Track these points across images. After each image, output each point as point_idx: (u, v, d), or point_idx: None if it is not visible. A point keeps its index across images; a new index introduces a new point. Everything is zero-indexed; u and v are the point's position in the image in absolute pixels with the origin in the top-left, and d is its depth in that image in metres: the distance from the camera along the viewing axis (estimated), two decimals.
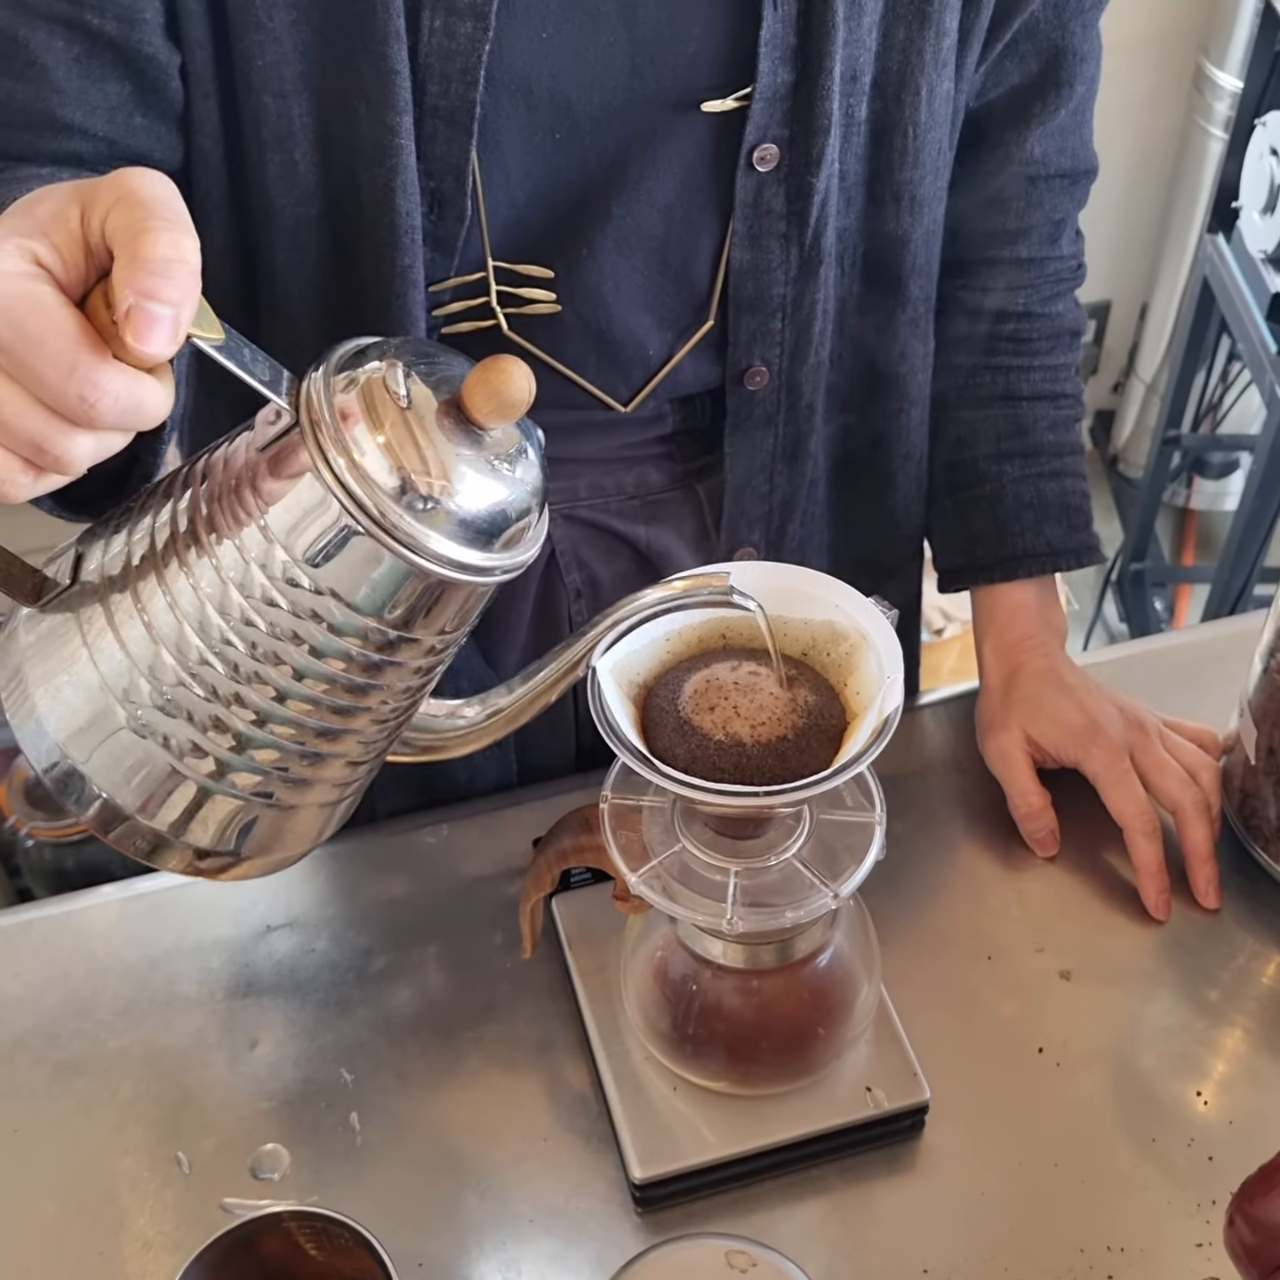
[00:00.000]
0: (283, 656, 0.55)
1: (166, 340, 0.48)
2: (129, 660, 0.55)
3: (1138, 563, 2.42)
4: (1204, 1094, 0.81)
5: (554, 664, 0.65)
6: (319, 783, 0.60)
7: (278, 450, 0.54)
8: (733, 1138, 0.76)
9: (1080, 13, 0.86)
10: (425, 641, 0.58)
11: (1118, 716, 0.92)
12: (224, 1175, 0.78)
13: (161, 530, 0.56)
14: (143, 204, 0.49)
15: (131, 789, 0.57)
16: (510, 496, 0.56)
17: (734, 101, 0.78)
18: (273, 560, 0.54)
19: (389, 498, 0.53)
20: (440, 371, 0.56)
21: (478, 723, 0.68)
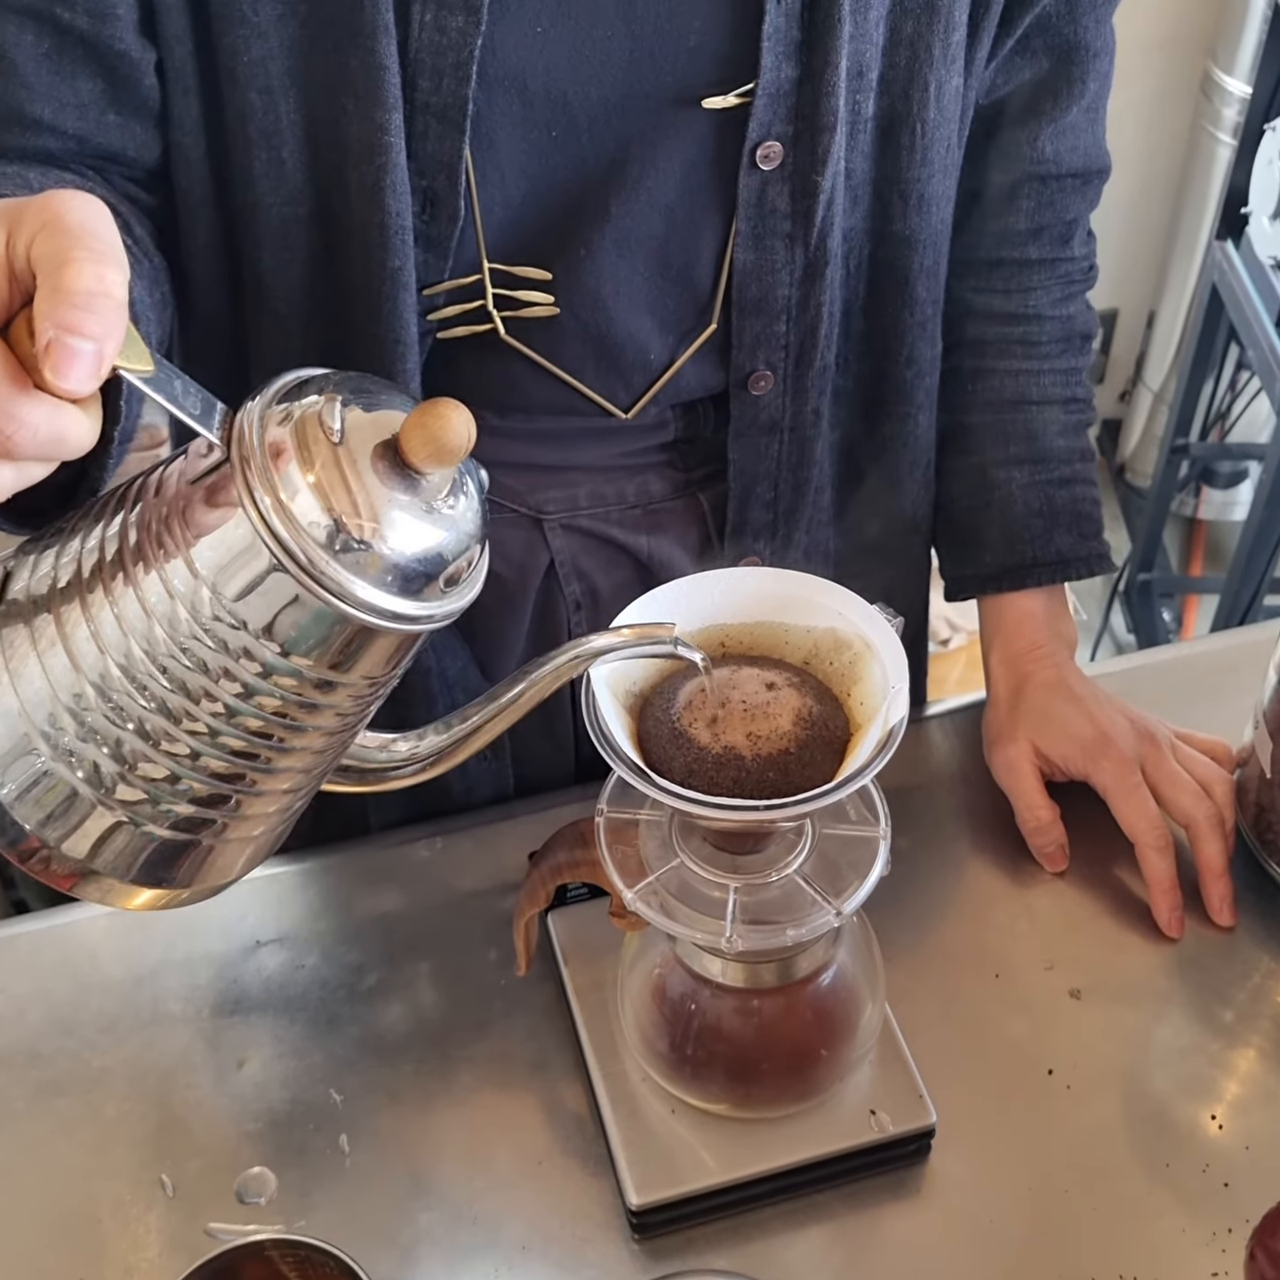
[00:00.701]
0: (212, 693, 0.53)
1: (87, 376, 0.46)
2: (50, 687, 0.53)
3: (1145, 573, 2.41)
4: (1219, 1118, 0.79)
5: (494, 705, 0.63)
6: (251, 816, 0.58)
7: (209, 484, 0.52)
8: (733, 1162, 0.74)
9: (1093, 7, 0.85)
10: (359, 684, 0.56)
11: (1129, 728, 0.90)
12: (209, 1199, 0.76)
13: (89, 555, 0.54)
14: (69, 231, 0.47)
15: (50, 819, 0.54)
16: (445, 541, 0.54)
17: (736, 98, 0.76)
18: (199, 597, 0.52)
19: (316, 542, 0.51)
20: (381, 408, 0.54)
21: (408, 759, 0.65)
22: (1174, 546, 2.63)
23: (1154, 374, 2.59)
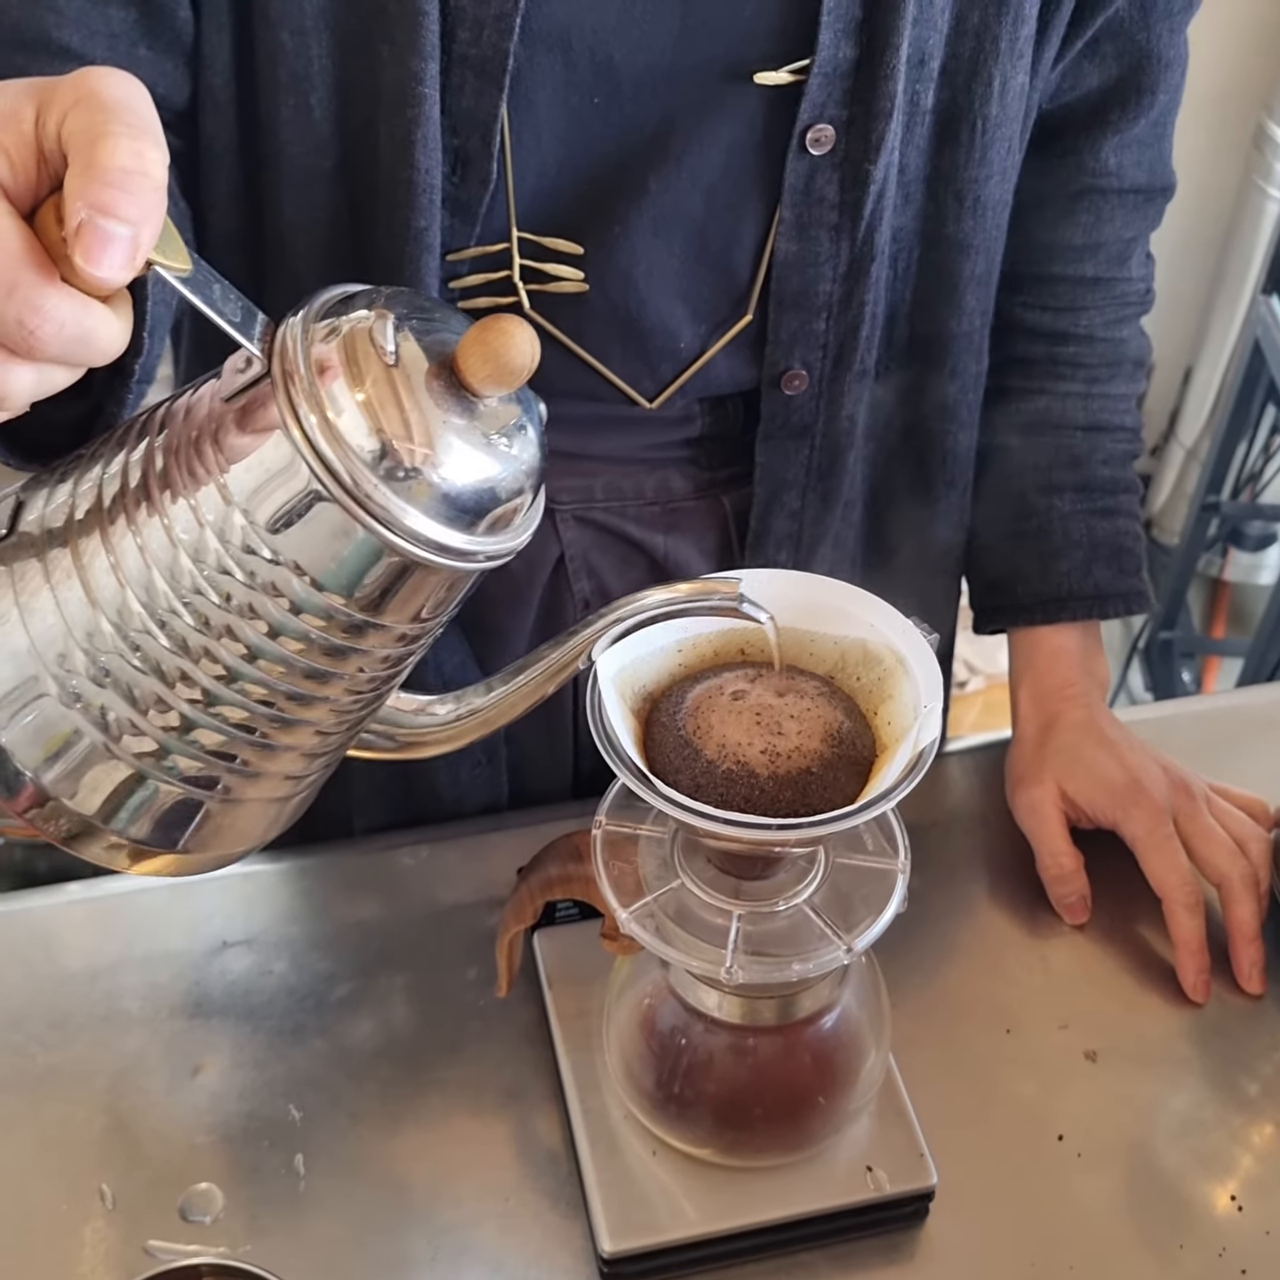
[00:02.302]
0: (236, 632, 0.50)
1: (121, 264, 0.43)
2: (64, 624, 0.50)
3: (1167, 631, 2.38)
4: (1239, 1198, 0.75)
5: (539, 665, 0.59)
6: (268, 775, 0.54)
7: (245, 402, 0.49)
8: (715, 1213, 0.70)
9: (1168, 15, 0.81)
10: (396, 629, 0.52)
11: (1162, 777, 0.87)
12: (150, 1214, 0.72)
13: (110, 482, 0.50)
14: (105, 106, 0.43)
15: (57, 768, 0.51)
16: (501, 474, 0.51)
17: (789, 75, 0.72)
18: (230, 525, 0.49)
19: (364, 464, 0.47)
20: (436, 329, 0.50)
21: (448, 722, 0.61)
22: (1197, 606, 2.60)
23: (1188, 430, 2.56)
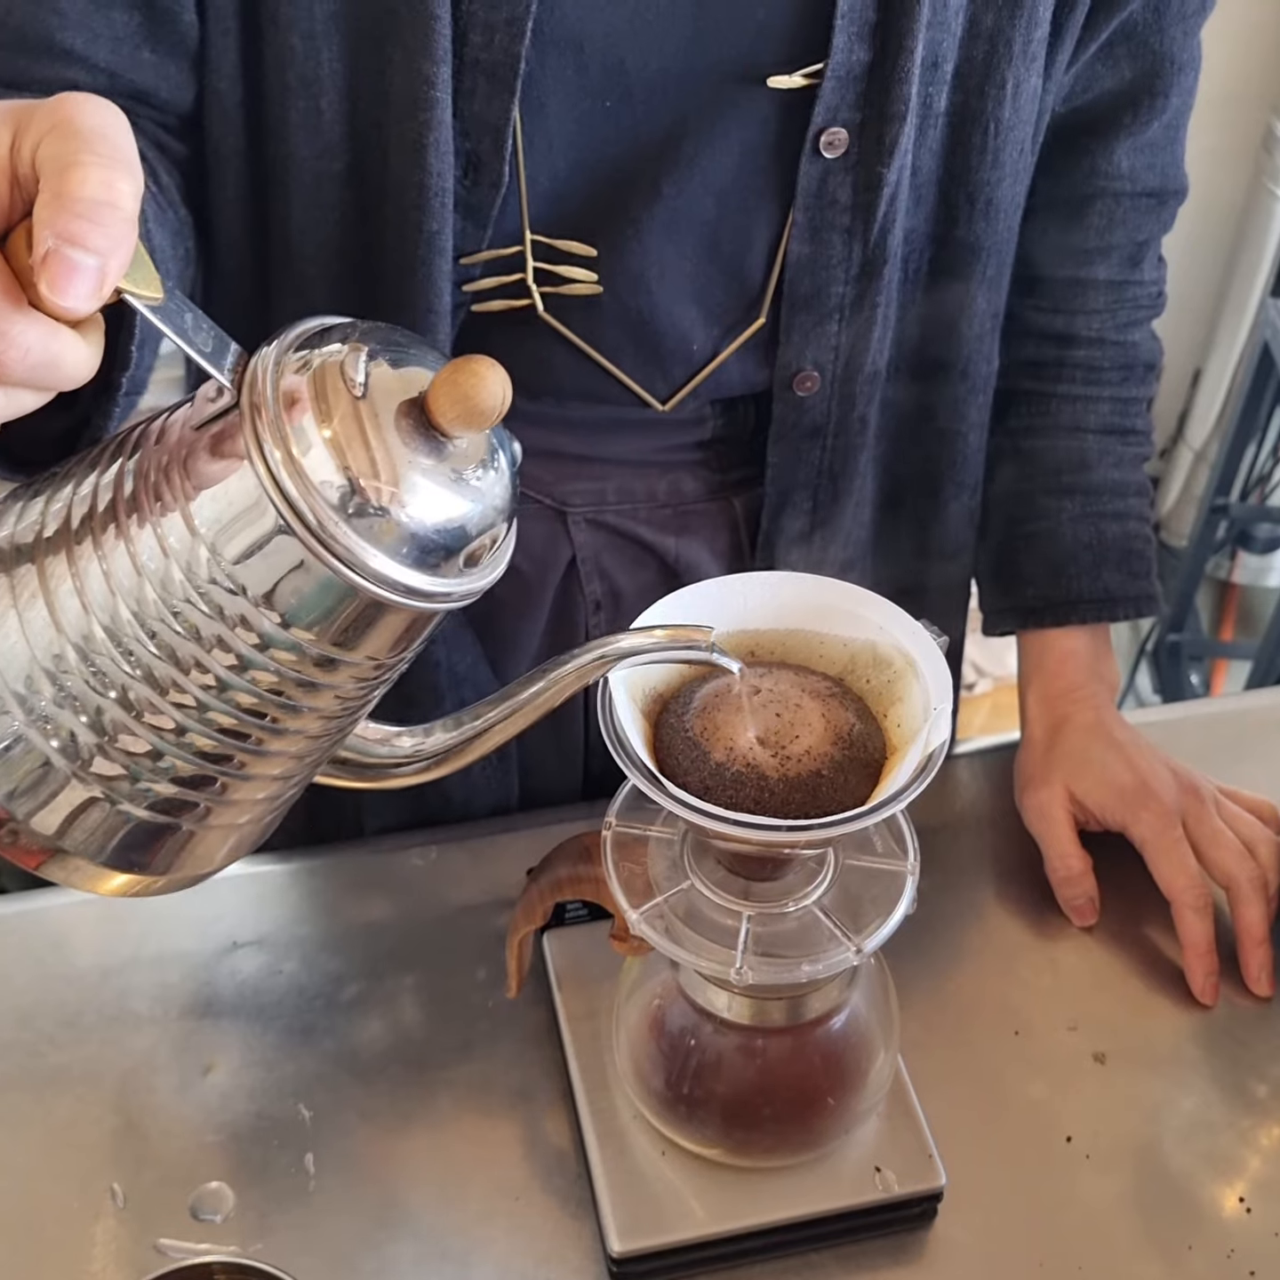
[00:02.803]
0: (204, 664, 0.49)
1: (88, 294, 0.42)
2: (28, 646, 0.49)
3: (1175, 634, 2.37)
4: (1247, 1200, 0.75)
5: (509, 704, 0.58)
6: (236, 802, 0.54)
7: (214, 431, 0.48)
8: (724, 1213, 0.70)
9: (1182, 19, 0.81)
10: (364, 664, 0.52)
11: (1171, 780, 0.87)
12: (161, 1213, 0.72)
13: (80, 503, 0.49)
14: (78, 134, 0.43)
15: (21, 791, 0.50)
16: (469, 514, 0.50)
17: (803, 78, 0.72)
18: (195, 557, 0.48)
19: (328, 504, 0.47)
20: (410, 365, 0.49)
21: (412, 756, 0.60)
22: (1205, 609, 2.59)
23: (1196, 432, 2.55)
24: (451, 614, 0.62)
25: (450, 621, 0.85)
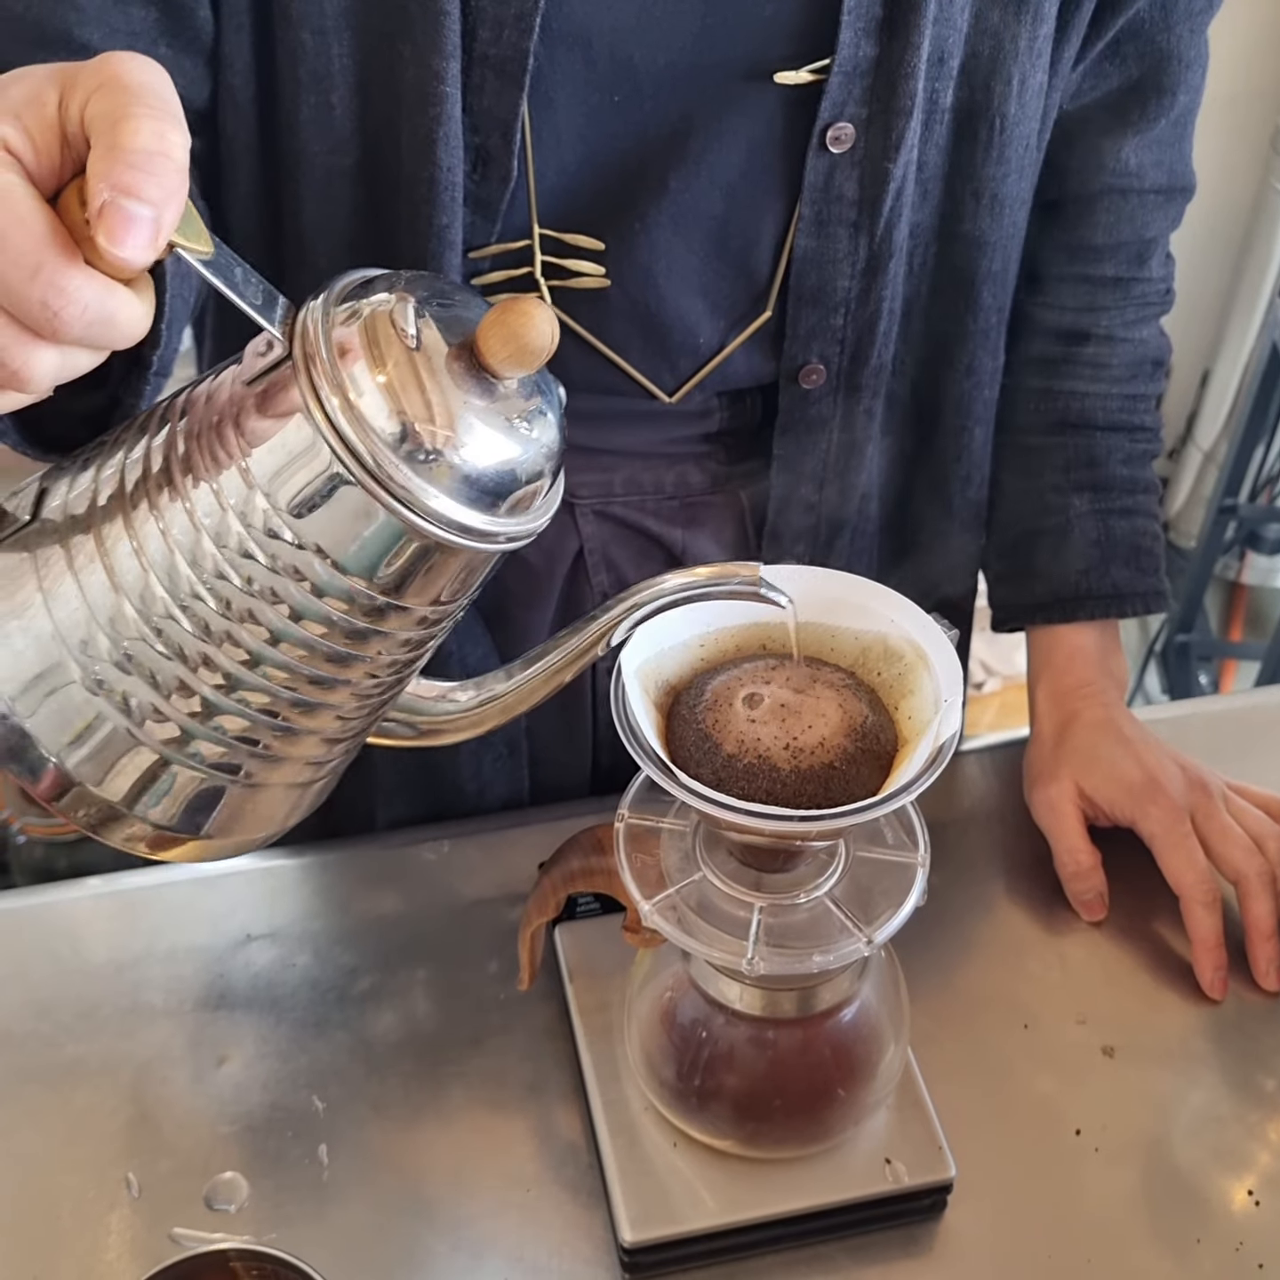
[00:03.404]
0: (258, 616, 0.50)
1: (144, 245, 0.43)
2: (87, 609, 0.50)
3: (1184, 634, 2.37)
4: (1256, 1193, 0.75)
5: (559, 650, 0.59)
6: (290, 760, 0.54)
7: (266, 385, 0.49)
8: (735, 1204, 0.70)
9: (1189, 16, 0.81)
10: (417, 611, 0.52)
11: (1179, 775, 0.86)
12: (176, 1202, 0.73)
13: (133, 468, 0.50)
14: (127, 90, 0.43)
15: (82, 753, 0.51)
16: (522, 456, 0.51)
17: (810, 74, 0.73)
18: (252, 508, 0.49)
19: (386, 445, 0.48)
20: (456, 311, 0.50)
21: (469, 708, 0.61)
22: (1214, 610, 2.59)
23: (1205, 433, 2.55)
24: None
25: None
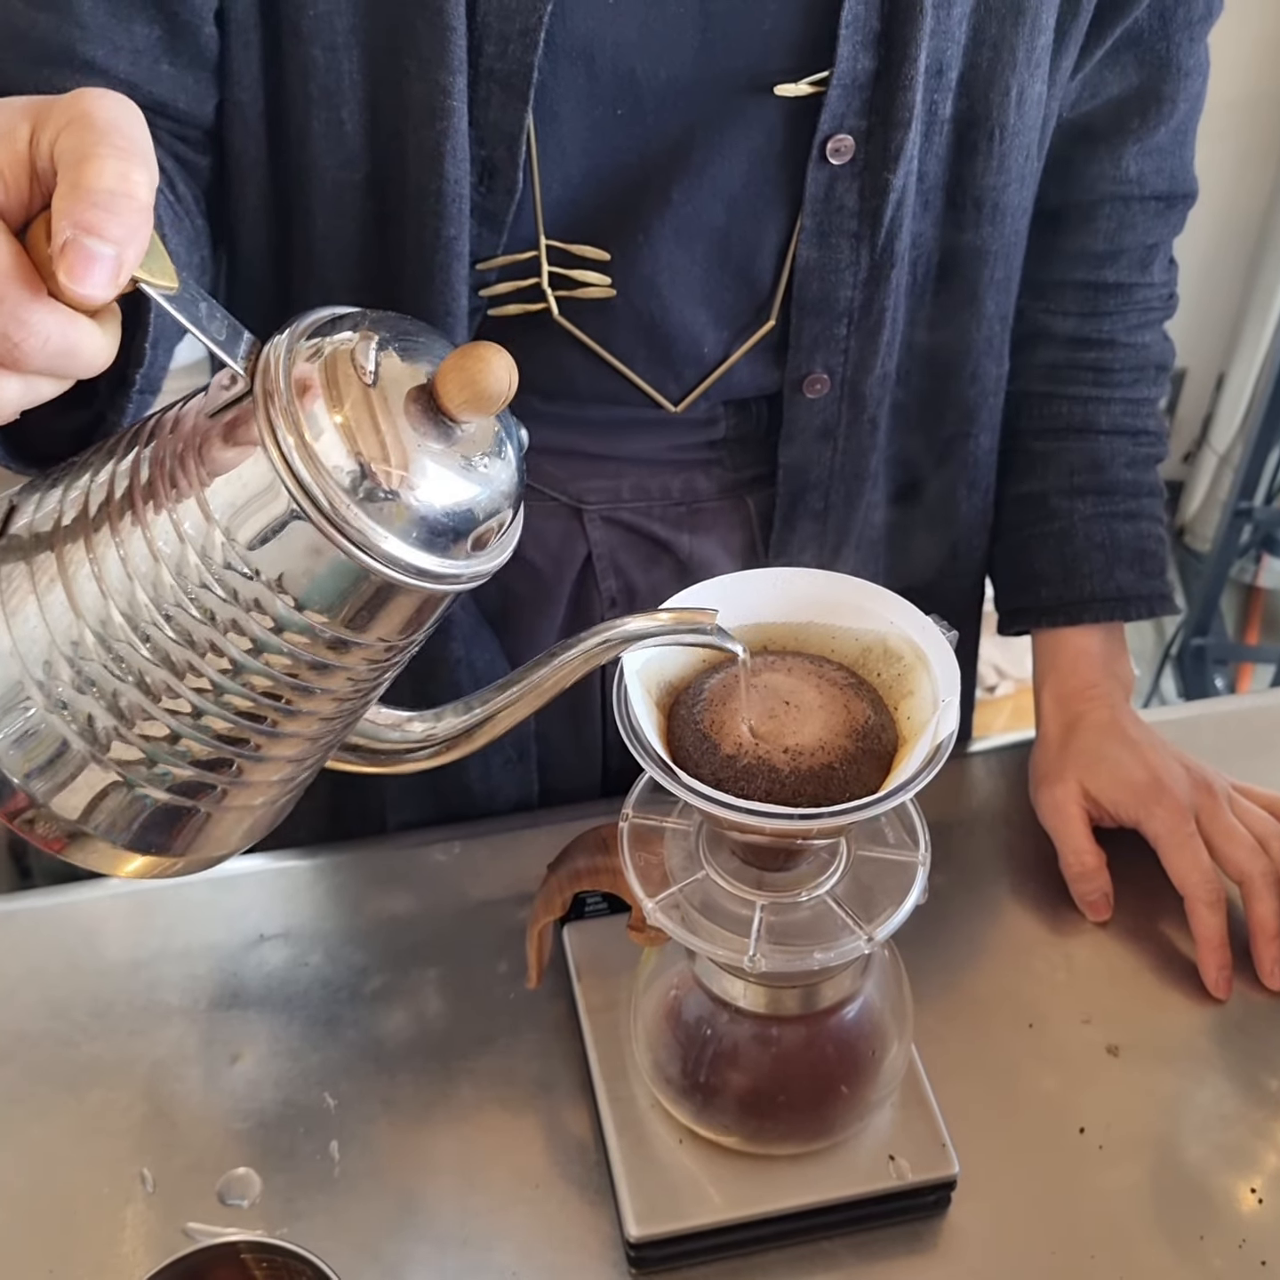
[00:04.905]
0: (219, 647, 0.50)
1: (105, 282, 0.44)
2: (47, 631, 0.50)
3: (1200, 638, 2.36)
4: (1258, 1191, 0.75)
5: (518, 687, 0.59)
6: (253, 784, 0.55)
7: (229, 418, 0.49)
8: (740, 1200, 0.71)
9: (1188, 25, 0.82)
10: (375, 646, 0.53)
11: (1184, 776, 0.87)
12: (189, 1198, 0.73)
13: (98, 491, 0.51)
14: (95, 127, 0.44)
15: (41, 774, 0.51)
16: (478, 498, 0.51)
17: (809, 86, 0.73)
18: (210, 541, 0.49)
19: (340, 487, 0.48)
20: (419, 352, 0.51)
21: (422, 740, 0.61)
22: (1230, 613, 2.58)
23: (1220, 436, 2.55)
24: (468, 609, 0.62)
25: (469, 618, 0.86)
